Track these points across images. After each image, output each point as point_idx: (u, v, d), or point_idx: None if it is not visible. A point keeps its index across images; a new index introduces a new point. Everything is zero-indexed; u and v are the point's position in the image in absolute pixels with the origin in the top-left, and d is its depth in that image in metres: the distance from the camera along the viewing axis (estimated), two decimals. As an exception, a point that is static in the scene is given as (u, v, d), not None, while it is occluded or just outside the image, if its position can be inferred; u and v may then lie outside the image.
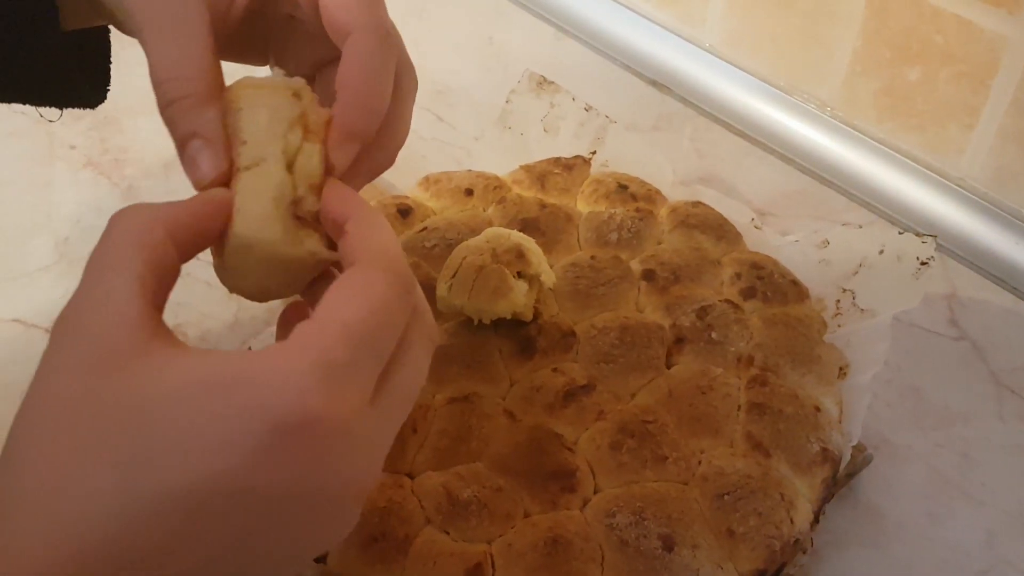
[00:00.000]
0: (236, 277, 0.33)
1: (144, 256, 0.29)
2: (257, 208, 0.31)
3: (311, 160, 0.33)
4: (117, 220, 0.30)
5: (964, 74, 0.62)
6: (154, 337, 0.28)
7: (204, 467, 0.26)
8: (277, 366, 0.26)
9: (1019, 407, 0.56)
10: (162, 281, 0.30)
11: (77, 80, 0.40)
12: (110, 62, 0.42)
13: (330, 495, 0.29)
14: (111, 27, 0.41)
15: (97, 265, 0.29)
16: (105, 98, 0.42)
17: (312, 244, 0.32)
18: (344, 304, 0.28)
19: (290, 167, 0.32)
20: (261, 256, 0.32)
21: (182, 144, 0.33)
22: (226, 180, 0.33)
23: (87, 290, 0.29)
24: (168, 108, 0.33)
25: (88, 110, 0.43)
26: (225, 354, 0.28)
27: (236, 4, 0.36)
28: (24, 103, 0.40)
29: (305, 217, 0.32)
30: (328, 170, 0.33)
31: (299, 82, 0.34)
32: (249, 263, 0.32)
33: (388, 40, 0.35)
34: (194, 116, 0.33)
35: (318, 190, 0.33)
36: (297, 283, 0.34)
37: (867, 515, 0.51)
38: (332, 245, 0.33)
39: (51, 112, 0.41)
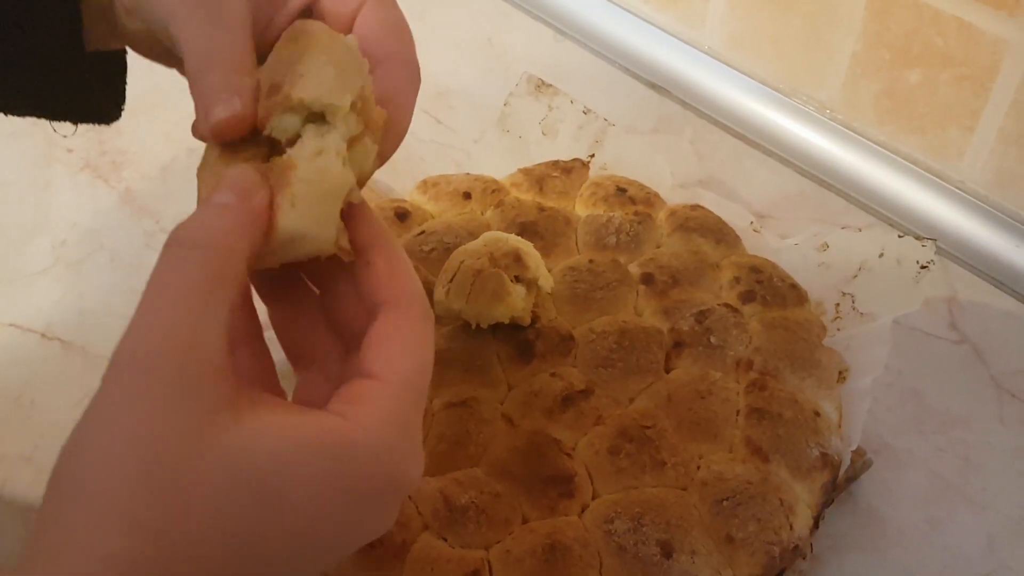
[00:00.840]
0: (265, 258, 0.31)
1: (231, 296, 0.27)
2: (321, 208, 0.30)
3: (368, 158, 0.32)
4: (194, 244, 0.28)
5: (965, 77, 0.62)
6: (239, 386, 0.27)
7: (309, 529, 0.27)
8: (368, 434, 0.28)
9: (1020, 410, 0.55)
10: (236, 314, 0.29)
11: (95, 96, 0.40)
12: (126, 80, 0.42)
13: (381, 530, 0.30)
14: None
15: (175, 295, 0.27)
16: (120, 115, 0.42)
17: (344, 240, 0.31)
18: (403, 359, 0.30)
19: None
20: (305, 248, 0.30)
21: (211, 93, 0.31)
22: (242, 127, 0.31)
23: (164, 320, 0.26)
24: (206, 75, 0.31)
25: None
26: (318, 417, 0.28)
27: (272, 28, 0.35)
28: (40, 117, 0.40)
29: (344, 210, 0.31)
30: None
31: (365, 63, 0.32)
32: (287, 250, 0.30)
33: (417, 74, 0.35)
34: (233, 79, 0.31)
35: (361, 186, 0.32)
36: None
37: (867, 520, 0.50)
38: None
39: (65, 127, 0.41)
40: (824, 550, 0.48)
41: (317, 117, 0.30)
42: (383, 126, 0.33)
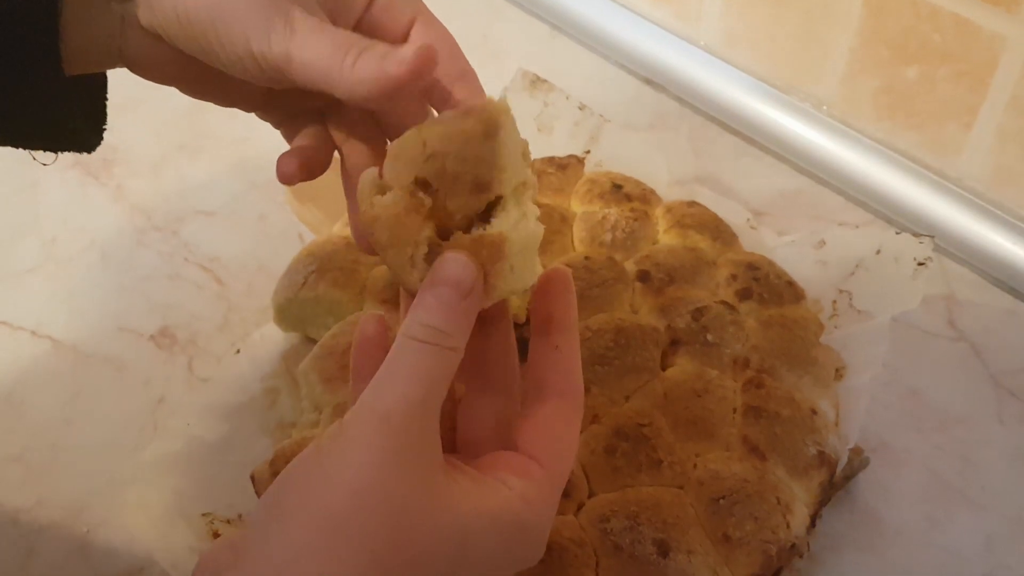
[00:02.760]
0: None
1: (450, 381, 0.32)
2: (530, 263, 0.34)
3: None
4: (425, 339, 0.31)
5: (962, 73, 0.62)
6: (448, 469, 0.32)
7: None
8: (538, 516, 0.33)
9: (1019, 409, 0.55)
10: None
11: (74, 123, 0.39)
12: (106, 102, 0.41)
13: None
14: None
15: (409, 377, 0.31)
16: (101, 141, 0.41)
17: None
18: (565, 453, 0.35)
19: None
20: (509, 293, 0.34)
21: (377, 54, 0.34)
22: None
23: (404, 392, 0.30)
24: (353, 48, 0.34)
25: None
26: (500, 491, 0.32)
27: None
28: (18, 147, 0.39)
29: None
30: None
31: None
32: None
33: (479, 83, 0.40)
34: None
35: None
36: None
37: (865, 519, 0.50)
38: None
39: (45, 156, 0.40)
40: (822, 549, 0.48)
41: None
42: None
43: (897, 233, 0.53)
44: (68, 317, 0.60)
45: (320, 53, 0.33)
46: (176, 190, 0.68)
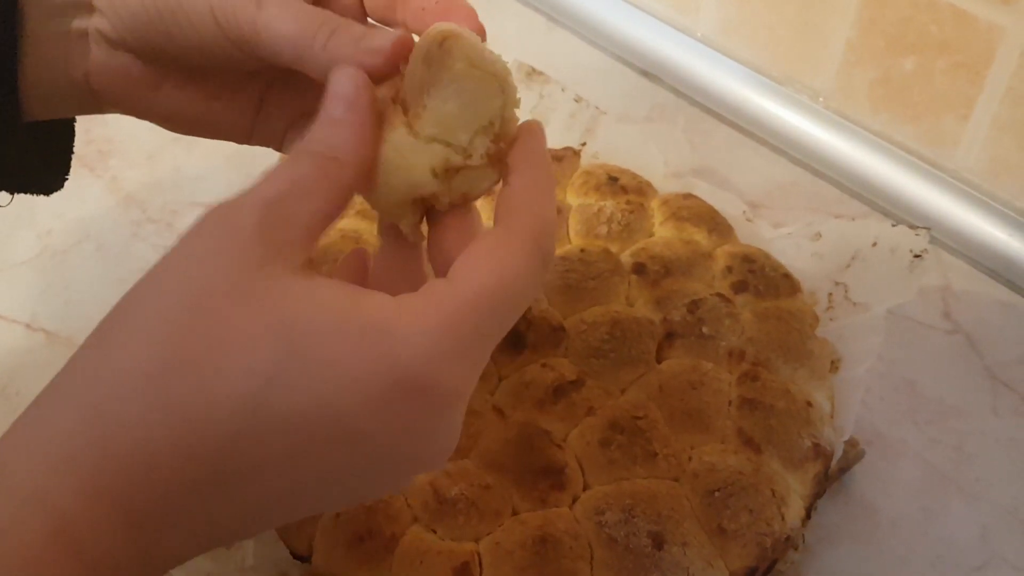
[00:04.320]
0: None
1: (329, 194, 0.29)
2: (393, 180, 0.31)
3: (479, 184, 0.32)
4: (303, 151, 0.30)
5: (960, 65, 0.61)
6: (310, 264, 0.29)
7: (327, 398, 0.26)
8: (412, 323, 0.27)
9: (1013, 401, 0.55)
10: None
11: (35, 168, 0.38)
12: (72, 151, 0.40)
13: (421, 457, 0.29)
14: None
15: (283, 179, 0.29)
16: (63, 186, 0.40)
17: (409, 228, 0.32)
18: (481, 269, 0.28)
19: (448, 170, 0.31)
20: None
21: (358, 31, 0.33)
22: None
23: (260, 190, 0.28)
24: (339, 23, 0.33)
25: None
26: (367, 298, 0.28)
27: None
28: None
29: (434, 205, 0.32)
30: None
31: (510, 88, 0.32)
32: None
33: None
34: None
35: (463, 200, 0.32)
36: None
37: (860, 511, 0.50)
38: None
39: (1, 197, 0.39)
40: (817, 541, 0.48)
41: None
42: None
43: (893, 225, 0.53)
44: (63, 310, 0.60)
45: (289, 29, 0.32)
46: (172, 182, 0.68)
